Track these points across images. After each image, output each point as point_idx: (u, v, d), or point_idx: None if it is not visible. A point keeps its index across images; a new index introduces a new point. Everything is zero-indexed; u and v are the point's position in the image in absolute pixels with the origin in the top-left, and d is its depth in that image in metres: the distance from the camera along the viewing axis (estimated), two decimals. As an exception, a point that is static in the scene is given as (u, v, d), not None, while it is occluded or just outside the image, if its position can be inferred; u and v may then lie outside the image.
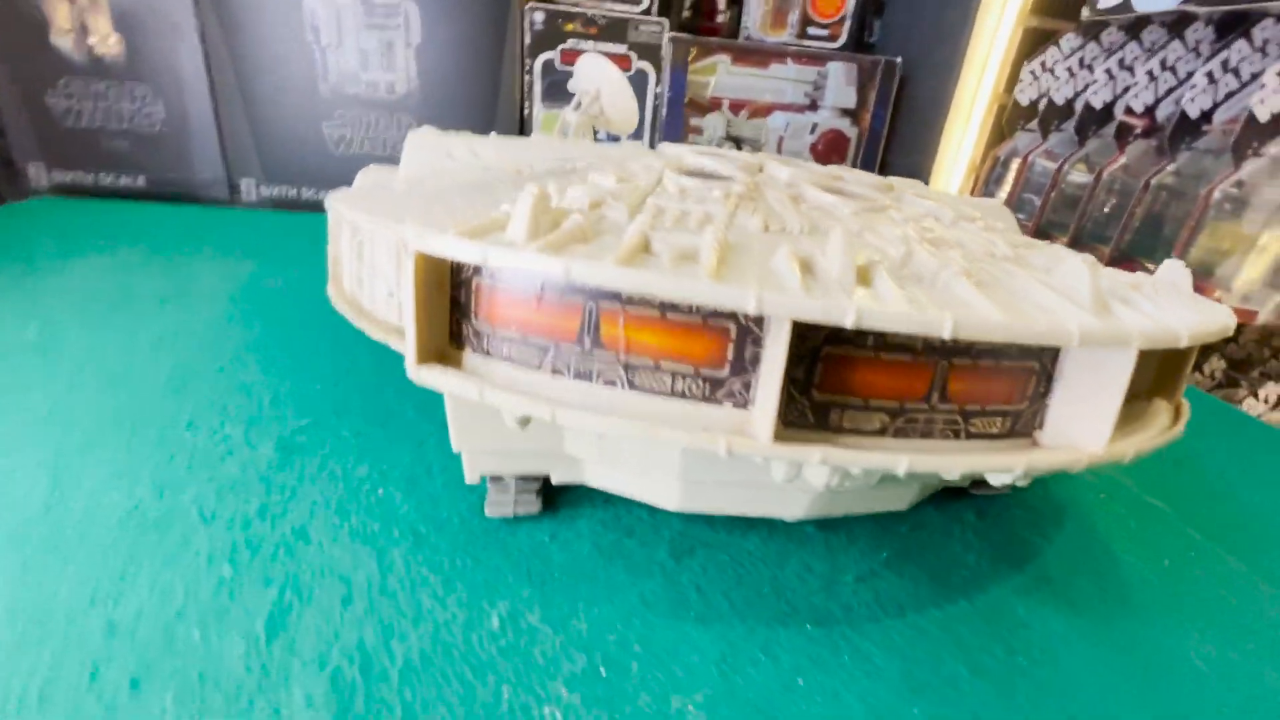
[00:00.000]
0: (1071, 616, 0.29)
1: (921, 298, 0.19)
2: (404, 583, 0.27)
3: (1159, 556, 0.34)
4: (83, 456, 0.33)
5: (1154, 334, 0.20)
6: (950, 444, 0.23)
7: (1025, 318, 0.19)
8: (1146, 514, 0.38)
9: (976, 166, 0.92)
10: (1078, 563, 0.33)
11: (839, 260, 0.19)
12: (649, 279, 0.18)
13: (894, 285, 0.19)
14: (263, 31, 0.79)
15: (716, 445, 0.19)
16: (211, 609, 0.25)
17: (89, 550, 0.27)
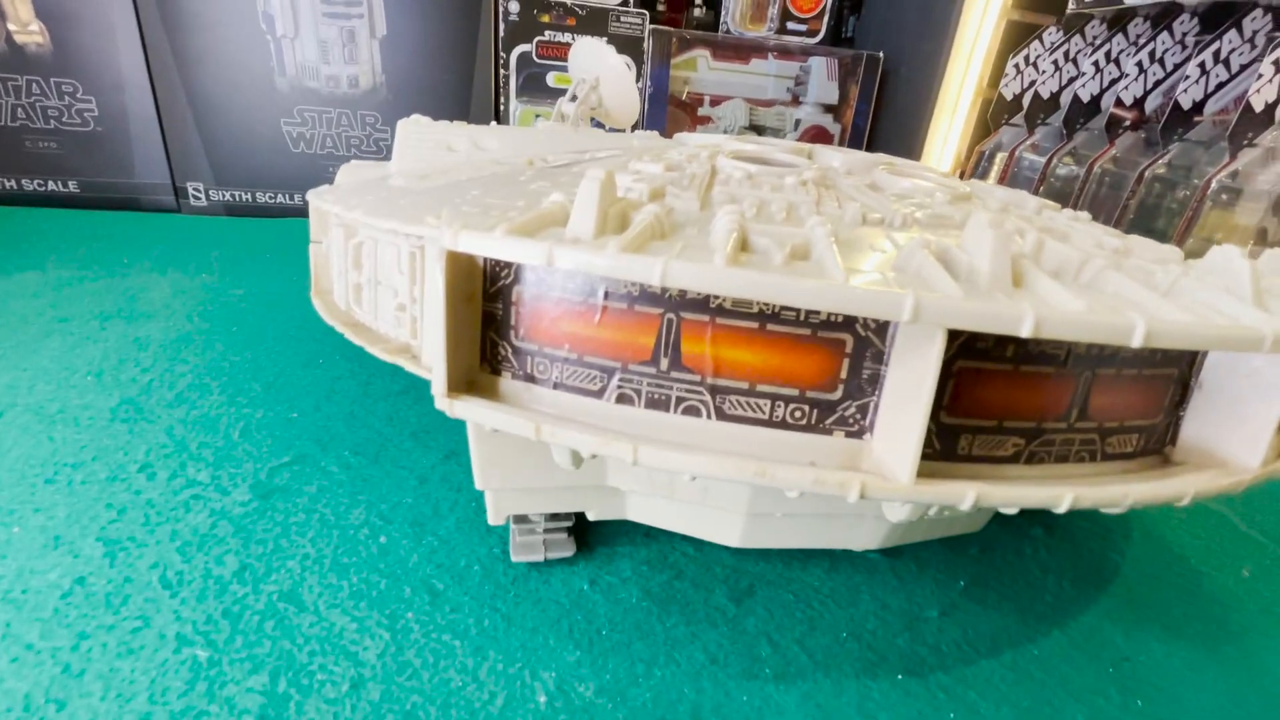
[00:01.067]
0: (1173, 643, 0.27)
1: (1086, 299, 0.16)
2: (425, 655, 0.23)
3: (1235, 565, 0.32)
4: (9, 518, 0.27)
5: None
6: (1087, 467, 0.19)
7: (1208, 320, 0.16)
8: (1210, 520, 0.36)
9: (962, 161, 0.91)
10: (1159, 579, 0.30)
11: (990, 256, 0.15)
12: (774, 283, 0.14)
13: (1055, 285, 0.16)
14: (209, 22, 0.72)
15: (848, 491, 0.16)
16: (186, 713, 0.20)
17: (23, 639, 0.22)
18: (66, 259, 0.58)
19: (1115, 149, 0.74)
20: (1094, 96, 0.77)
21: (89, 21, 0.69)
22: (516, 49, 0.82)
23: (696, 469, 0.16)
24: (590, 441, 0.17)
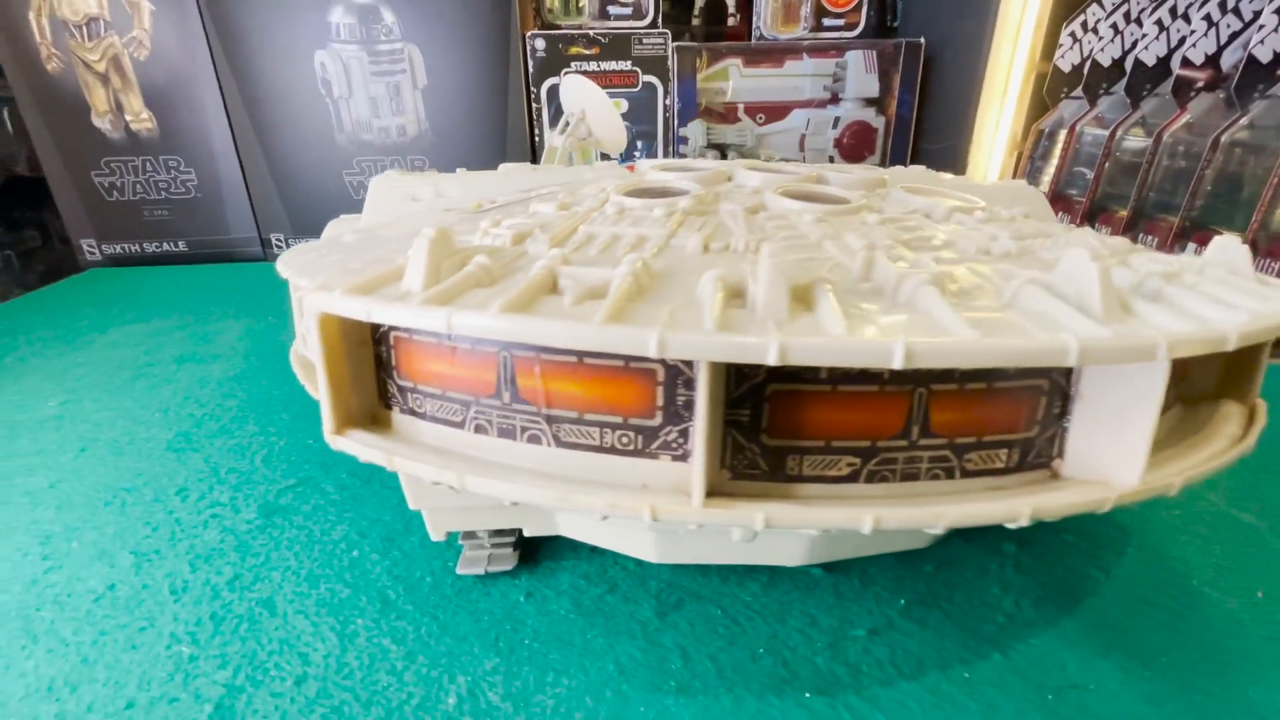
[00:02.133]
0: (1137, 673, 0.24)
1: (873, 319, 0.16)
2: (363, 657, 0.26)
3: (1251, 588, 0.28)
4: (72, 534, 0.33)
5: (1188, 338, 0.16)
6: (943, 485, 0.19)
7: (1004, 334, 0.15)
8: (1236, 534, 0.32)
9: (1019, 143, 0.85)
10: (1147, 602, 0.28)
11: (768, 282, 0.16)
12: (529, 327, 0.15)
13: (838, 307, 0.16)
14: (280, 93, 0.82)
15: (640, 513, 0.17)
16: (162, 698, 0.24)
17: (59, 634, 0.27)
18: (166, 310, 0.69)
19: (1188, 114, 0.66)
20: (1160, 58, 0.70)
21: (186, 105, 0.81)
22: (545, 83, 0.86)
23: (511, 495, 0.18)
24: (425, 469, 0.19)
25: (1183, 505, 0.34)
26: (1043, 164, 0.83)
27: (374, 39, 0.80)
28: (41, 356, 0.57)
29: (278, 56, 0.80)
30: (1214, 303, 0.19)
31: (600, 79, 0.87)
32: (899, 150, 0.97)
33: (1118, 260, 0.23)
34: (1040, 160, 0.83)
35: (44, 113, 0.79)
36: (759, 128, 0.99)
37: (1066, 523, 0.33)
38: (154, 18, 0.77)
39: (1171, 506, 0.34)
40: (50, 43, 0.76)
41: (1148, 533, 0.32)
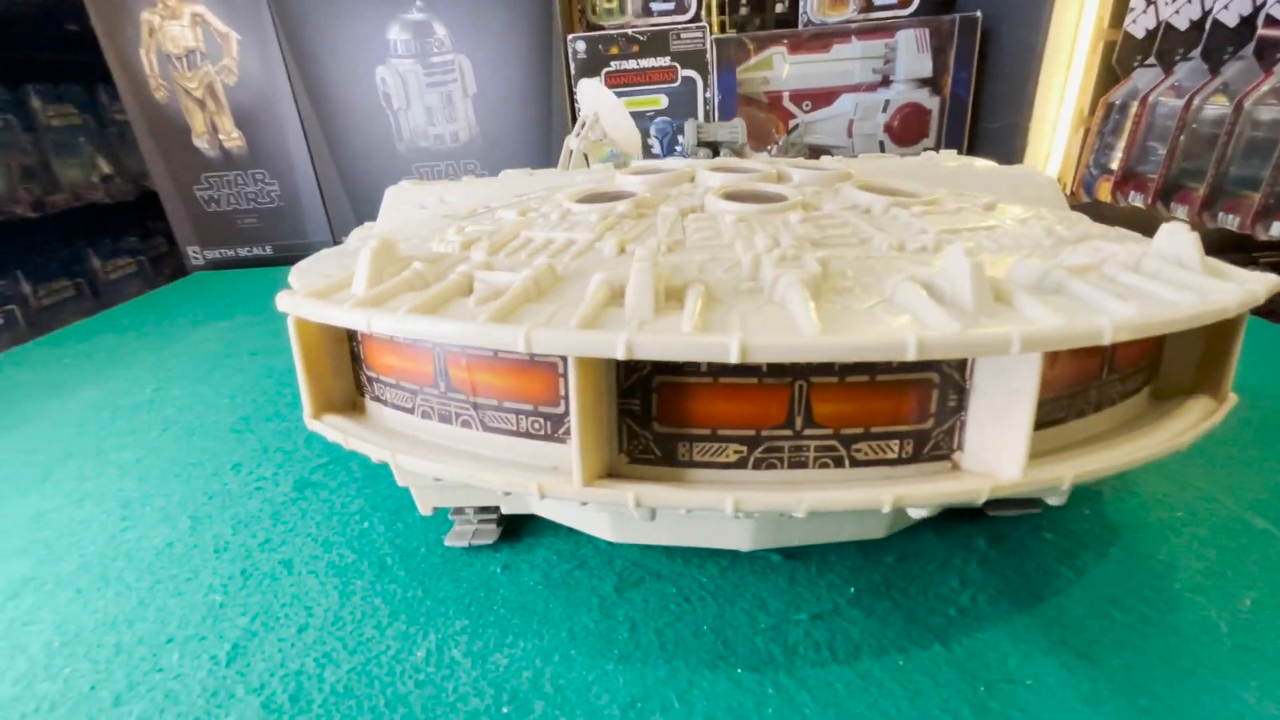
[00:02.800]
0: (1082, 673, 0.24)
1: (729, 316, 0.17)
2: (356, 613, 0.29)
3: (1238, 595, 0.27)
4: (146, 500, 0.39)
5: (1047, 334, 0.16)
6: (832, 474, 0.20)
7: (848, 330, 0.16)
8: (1240, 538, 0.30)
9: (1085, 118, 0.79)
10: (1115, 603, 0.27)
11: (636, 284, 0.18)
12: (426, 325, 0.18)
13: (699, 307, 0.17)
14: (347, 108, 0.89)
15: (530, 491, 0.19)
16: (194, 636, 0.29)
17: (125, 580, 0.33)
18: (248, 308, 0.78)
19: (1275, 77, 0.60)
20: (1243, 17, 0.63)
21: (268, 123, 0.90)
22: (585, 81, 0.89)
23: (431, 471, 0.20)
24: (370, 450, 0.22)
25: (1189, 507, 0.32)
26: (1113, 139, 0.77)
27: (428, 52, 0.86)
28: (146, 349, 0.66)
29: (344, 74, 0.87)
30: (1122, 295, 0.19)
31: (639, 76, 0.89)
32: (955, 131, 0.92)
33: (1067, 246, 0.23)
34: (1110, 135, 0.77)
35: (154, 135, 0.90)
36: (805, 115, 0.97)
37: (1053, 520, 0.32)
38: (240, 47, 0.86)
39: (1174, 507, 0.32)
40: (158, 74, 0.87)
41: (1140, 533, 0.31)
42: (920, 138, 0.94)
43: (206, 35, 0.85)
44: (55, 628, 0.30)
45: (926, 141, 0.94)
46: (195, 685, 0.26)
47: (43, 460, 0.45)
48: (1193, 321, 0.18)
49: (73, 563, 0.34)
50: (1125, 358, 0.22)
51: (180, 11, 0.84)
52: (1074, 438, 0.22)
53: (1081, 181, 0.81)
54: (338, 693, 0.25)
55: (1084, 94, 0.78)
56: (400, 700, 0.25)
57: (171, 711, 0.25)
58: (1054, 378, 0.20)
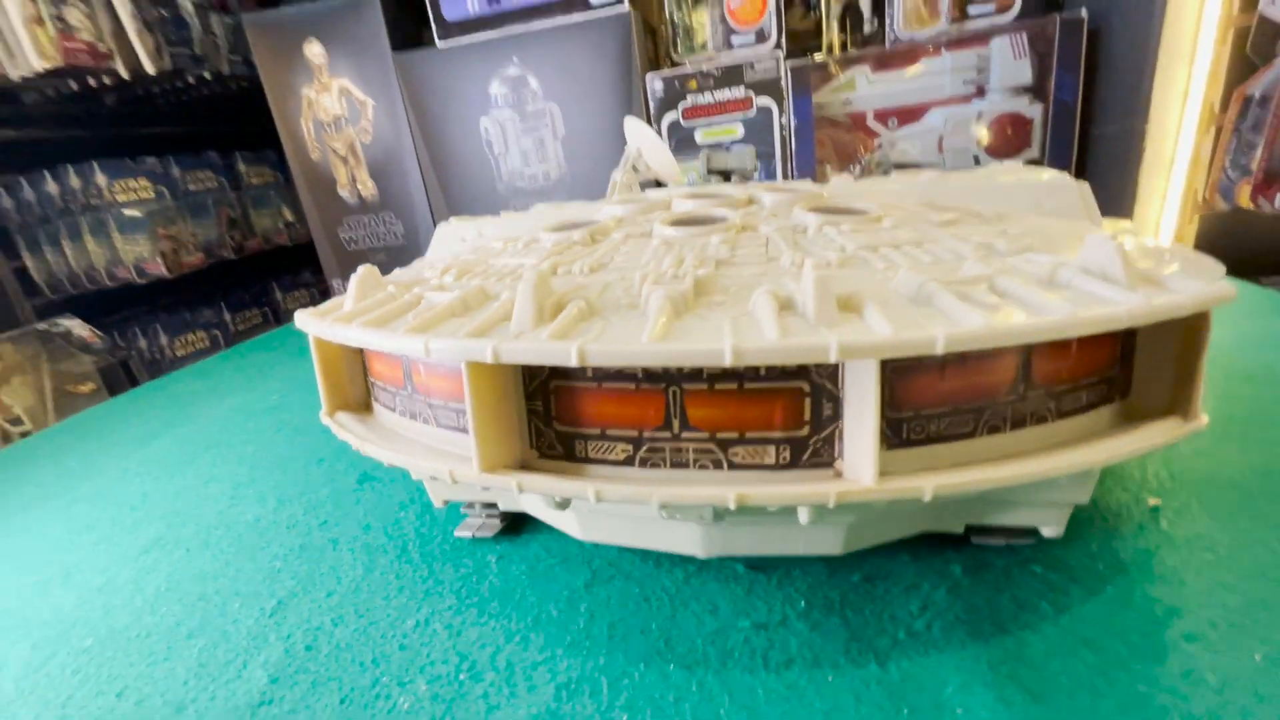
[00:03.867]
0: (1021, 708, 0.22)
1: (592, 326, 0.20)
2: (373, 585, 0.35)
3: (1249, 647, 0.23)
4: (252, 484, 0.48)
5: (869, 344, 0.17)
6: (711, 475, 0.21)
7: (682, 338, 0.18)
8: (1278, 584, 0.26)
9: (1216, 115, 0.69)
10: (1090, 645, 0.25)
11: (521, 298, 0.21)
12: (360, 334, 0.22)
13: (572, 318, 0.20)
14: (457, 156, 1.01)
15: (443, 473, 0.22)
16: (255, 590, 0.35)
17: (220, 546, 0.41)
18: (368, 331, 0.90)
19: None
20: None
21: (395, 172, 1.05)
22: (666, 118, 0.94)
23: (381, 458, 0.25)
24: (350, 439, 0.26)
25: (1225, 548, 0.28)
26: (1253, 137, 0.66)
27: (523, 102, 0.95)
28: (286, 365, 0.80)
29: (454, 127, 0.99)
30: (993, 307, 0.19)
31: (715, 108, 0.92)
32: (1061, 140, 0.84)
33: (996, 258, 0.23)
34: (1250, 133, 0.67)
35: (310, 188, 1.08)
36: (890, 132, 0.94)
37: (1044, 554, 0.29)
38: (375, 111, 1.01)
39: (1208, 548, 0.28)
40: (313, 138, 1.05)
41: (1152, 574, 0.27)
42: (1020, 149, 0.87)
43: (349, 104, 1.02)
44: (166, 577, 0.38)
45: (1029, 152, 0.87)
46: (245, 629, 0.33)
47: (190, 450, 0.57)
48: (1056, 332, 0.17)
49: (190, 529, 0.43)
50: (1049, 372, 0.21)
51: (331, 86, 1.01)
52: (986, 454, 0.21)
53: (1217, 187, 0.71)
54: (340, 648, 0.30)
55: (1213, 88, 0.69)
56: (384, 658, 0.29)
57: (223, 647, 0.32)
58: (947, 390, 0.20)
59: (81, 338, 1.58)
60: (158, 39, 1.44)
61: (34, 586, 0.40)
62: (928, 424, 0.21)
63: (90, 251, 1.48)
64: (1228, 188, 0.70)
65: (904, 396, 0.20)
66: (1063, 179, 0.37)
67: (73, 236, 1.47)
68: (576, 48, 0.91)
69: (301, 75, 1.01)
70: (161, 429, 0.64)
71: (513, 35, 0.92)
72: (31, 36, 1.19)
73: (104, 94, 1.67)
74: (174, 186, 1.60)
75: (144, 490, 0.51)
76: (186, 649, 0.32)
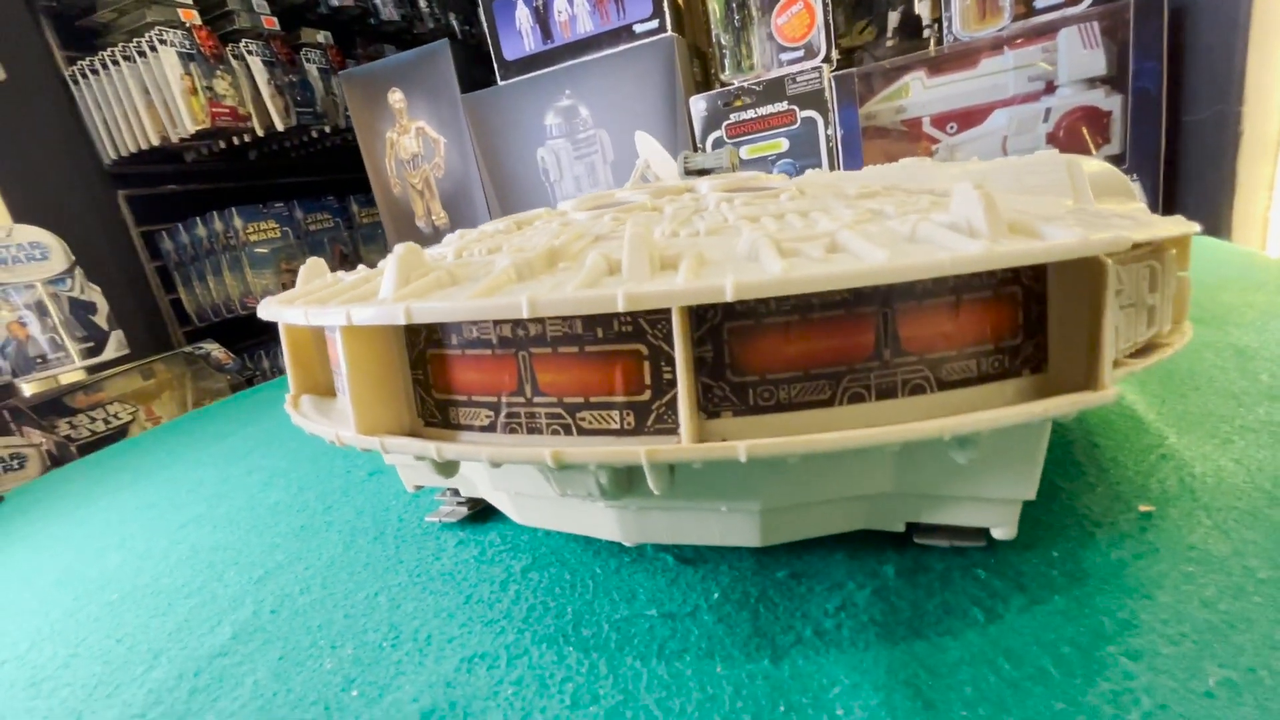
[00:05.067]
0: (905, 713, 0.20)
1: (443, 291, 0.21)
2: (345, 562, 0.37)
3: (1203, 669, 0.19)
4: (287, 474, 0.54)
5: (655, 294, 0.17)
6: (562, 440, 0.22)
7: (492, 294, 0.19)
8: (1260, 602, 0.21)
9: (1329, 90, 0.59)
10: (1010, 657, 0.22)
11: (389, 270, 0.22)
12: (275, 310, 0.25)
13: (419, 286, 0.21)
14: (517, 184, 1.08)
15: (329, 435, 0.24)
16: (252, 561, 0.39)
17: (241, 523, 0.45)
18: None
19: None
20: None
21: (463, 202, 1.13)
22: (710, 136, 0.94)
23: (304, 427, 0.27)
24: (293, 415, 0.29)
25: (1209, 562, 0.24)
26: (1379, 110, 0.56)
27: (575, 130, 1.00)
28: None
29: (514, 158, 1.06)
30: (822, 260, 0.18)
31: (758, 124, 0.91)
32: (1145, 131, 0.76)
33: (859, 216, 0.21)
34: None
35: (392, 220, 1.19)
36: (950, 137, 0.89)
37: (996, 559, 0.26)
38: (446, 148, 1.10)
39: (1192, 560, 0.24)
40: (395, 175, 1.16)
41: (1114, 586, 0.24)
42: (1099, 144, 0.79)
43: (425, 142, 1.12)
44: (190, 547, 0.43)
45: (1109, 148, 0.79)
46: (230, 593, 0.36)
47: (249, 445, 0.64)
48: (856, 280, 0.16)
49: (224, 509, 0.49)
50: (921, 338, 0.20)
51: (409, 127, 1.11)
52: (848, 425, 0.20)
53: (1338, 171, 0.60)
54: (297, 613, 0.33)
55: (1323, 59, 0.59)
56: (328, 624, 0.31)
57: (210, 607, 0.35)
58: (795, 353, 0.19)
59: (218, 359, 1.81)
60: (287, 101, 1.66)
61: (95, 550, 0.46)
62: (777, 389, 0.20)
63: (228, 284, 1.71)
64: (1353, 172, 0.59)
65: (747, 359, 0.19)
66: (1050, 155, 0.33)
67: (215, 272, 1.70)
68: (623, 75, 0.95)
69: (385, 120, 1.13)
70: (236, 429, 0.72)
71: (565, 68, 0.98)
72: (188, 104, 1.42)
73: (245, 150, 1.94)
74: (296, 227, 1.81)
75: (201, 477, 0.57)
76: (182, 606, 0.36)
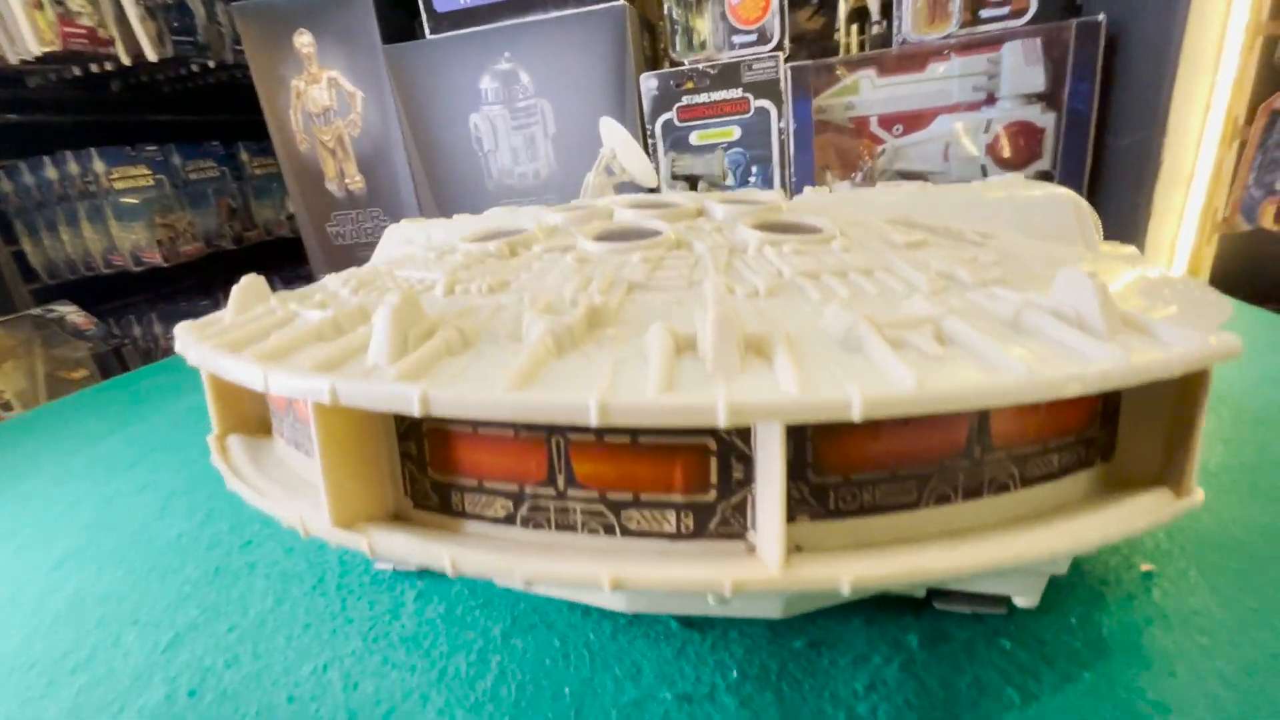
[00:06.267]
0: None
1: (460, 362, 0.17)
2: (278, 620, 0.31)
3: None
4: (187, 493, 0.46)
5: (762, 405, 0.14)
6: (602, 541, 0.18)
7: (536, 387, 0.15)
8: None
9: (1238, 129, 0.64)
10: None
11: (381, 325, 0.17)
12: (198, 355, 0.19)
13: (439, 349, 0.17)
14: (446, 152, 0.98)
15: (294, 523, 0.19)
16: (156, 618, 0.33)
17: (134, 563, 0.38)
18: (346, 330, 0.88)
19: None
20: None
21: (383, 166, 1.02)
22: (660, 118, 0.90)
23: (245, 496, 0.22)
24: (222, 467, 0.23)
25: (1229, 630, 0.24)
26: (1279, 153, 0.62)
27: (514, 98, 0.92)
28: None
29: (444, 122, 0.96)
30: (939, 360, 0.15)
31: (710, 109, 0.88)
32: (1074, 151, 0.80)
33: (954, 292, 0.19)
34: (1276, 149, 0.62)
35: (298, 181, 1.06)
36: (896, 139, 0.90)
37: (1016, 626, 0.26)
38: (364, 103, 0.99)
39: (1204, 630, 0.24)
40: (302, 130, 1.03)
41: (1138, 660, 0.24)
42: (1031, 159, 0.83)
43: (339, 95, 0.99)
44: (70, 595, 0.36)
45: (1040, 163, 0.83)
46: (133, 666, 0.30)
47: (136, 452, 0.54)
48: (1000, 398, 0.14)
49: (110, 542, 0.41)
50: (1012, 433, 0.18)
51: (320, 77, 0.98)
52: (932, 529, 0.18)
53: (1239, 205, 0.66)
54: (225, 695, 0.27)
55: (1237, 101, 0.64)
56: (268, 710, 0.26)
57: (105, 685, 0.29)
58: (884, 452, 0.17)
59: (76, 324, 1.57)
60: (160, 27, 1.43)
61: (-66, 600, 0.38)
62: (860, 491, 0.17)
63: (87, 238, 1.47)
64: (1251, 207, 0.65)
65: (830, 458, 0.17)
66: (1058, 195, 0.33)
67: (70, 222, 1.47)
68: (570, 42, 0.88)
69: (290, 65, 0.99)
70: (115, 427, 0.62)
71: (505, 28, 0.89)
72: (30, 20, 1.18)
73: (107, 81, 1.66)
74: (173, 174, 1.59)
75: (77, 494, 0.48)
76: (67, 686, 0.29)
